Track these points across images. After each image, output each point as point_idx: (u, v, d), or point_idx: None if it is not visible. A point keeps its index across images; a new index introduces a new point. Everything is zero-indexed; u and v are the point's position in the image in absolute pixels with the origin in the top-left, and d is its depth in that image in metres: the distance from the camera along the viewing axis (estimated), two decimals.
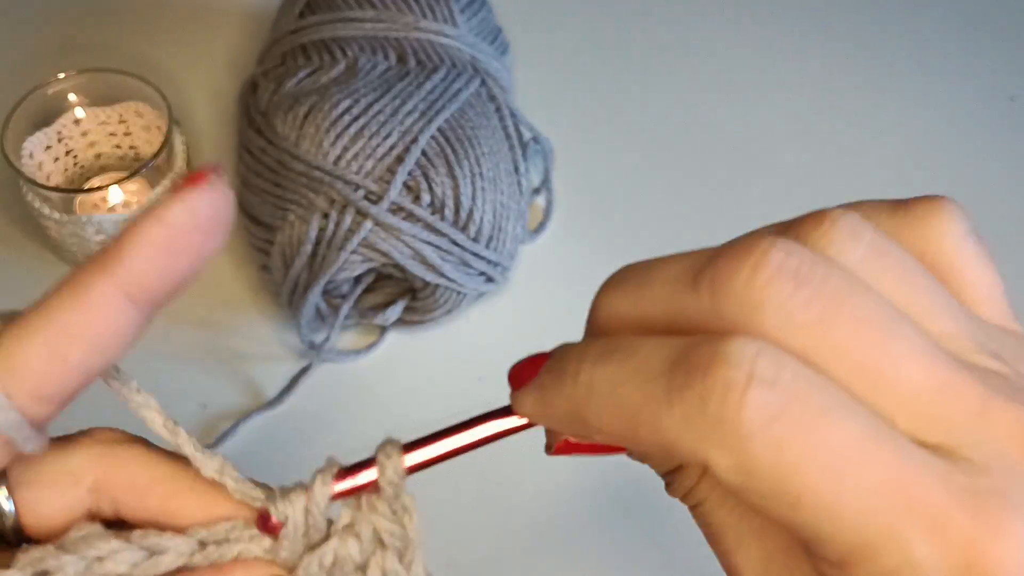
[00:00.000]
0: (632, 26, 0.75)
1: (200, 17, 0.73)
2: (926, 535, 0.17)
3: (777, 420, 0.17)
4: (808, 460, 0.17)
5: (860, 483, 0.17)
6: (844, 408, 0.18)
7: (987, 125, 0.72)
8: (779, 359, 0.18)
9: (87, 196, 0.58)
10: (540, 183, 0.65)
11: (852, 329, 0.18)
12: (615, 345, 0.20)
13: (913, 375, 0.18)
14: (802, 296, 0.18)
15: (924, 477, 0.18)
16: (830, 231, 0.20)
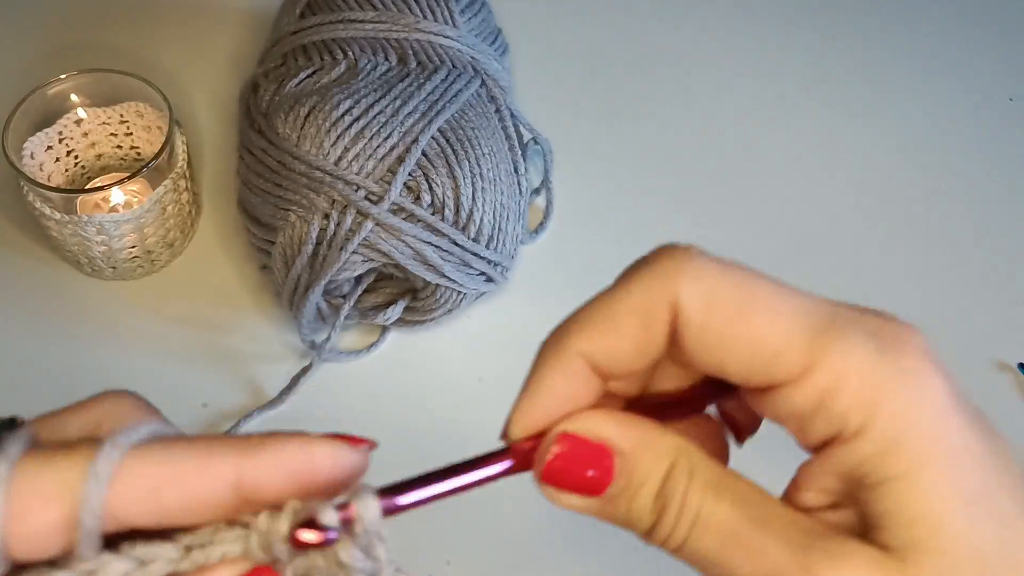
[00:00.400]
0: (632, 27, 0.75)
1: (201, 18, 0.73)
2: (866, 337, 0.24)
3: (723, 262, 0.26)
4: (754, 281, 0.26)
5: (799, 297, 0.25)
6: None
7: (987, 125, 0.72)
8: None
9: (88, 196, 0.58)
10: (540, 183, 0.65)
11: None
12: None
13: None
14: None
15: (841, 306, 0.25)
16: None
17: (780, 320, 0.24)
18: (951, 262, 0.65)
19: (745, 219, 0.66)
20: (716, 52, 0.74)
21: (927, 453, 0.23)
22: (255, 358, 0.58)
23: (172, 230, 0.59)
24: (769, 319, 0.24)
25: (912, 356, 0.25)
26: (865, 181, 0.69)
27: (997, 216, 0.68)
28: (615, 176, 0.67)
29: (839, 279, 0.64)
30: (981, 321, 0.62)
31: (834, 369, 0.24)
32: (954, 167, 0.70)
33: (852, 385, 0.23)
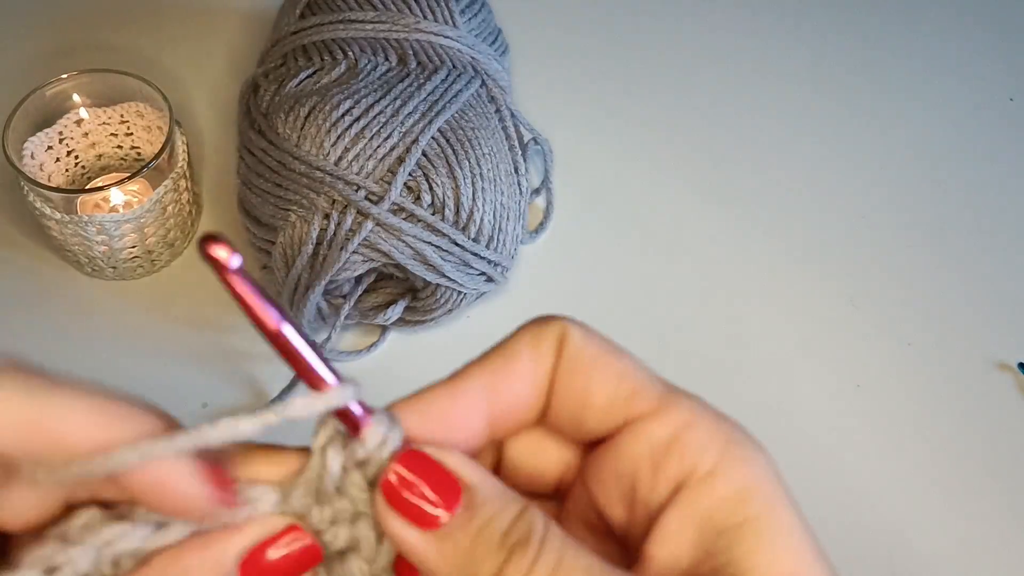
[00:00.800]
0: (632, 27, 0.75)
1: (201, 18, 0.73)
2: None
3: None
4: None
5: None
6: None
7: (987, 125, 0.72)
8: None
9: (88, 196, 0.58)
10: (540, 183, 0.65)
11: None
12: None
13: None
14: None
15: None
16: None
17: (640, 367, 0.26)
18: (951, 262, 0.65)
19: (745, 219, 0.66)
20: (716, 52, 0.74)
21: (775, 498, 0.24)
22: (255, 358, 0.58)
23: (172, 230, 0.59)
24: (633, 362, 0.26)
25: (742, 428, 0.25)
26: (865, 181, 0.69)
27: (997, 216, 0.68)
28: (615, 176, 0.67)
29: (839, 279, 0.64)
30: (981, 321, 0.62)
31: (688, 409, 0.25)
32: (954, 167, 0.70)
33: (704, 427, 0.25)
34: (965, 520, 0.55)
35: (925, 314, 0.63)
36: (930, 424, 0.58)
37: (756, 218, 0.66)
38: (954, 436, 0.58)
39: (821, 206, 0.67)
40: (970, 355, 0.61)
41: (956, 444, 0.58)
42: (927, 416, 0.59)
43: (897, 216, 0.67)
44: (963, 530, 0.55)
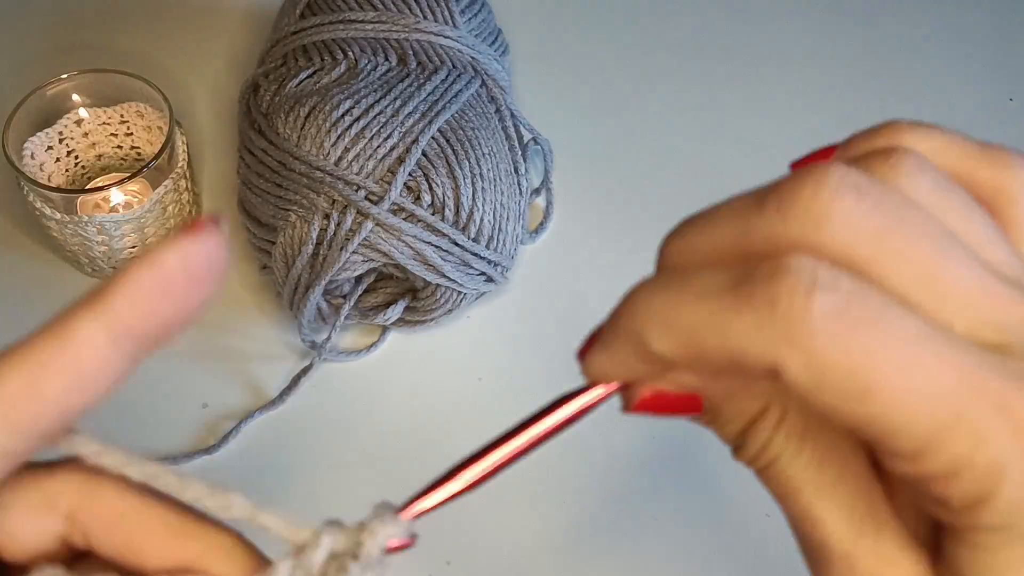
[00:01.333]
0: (632, 26, 0.75)
1: (201, 18, 0.73)
2: (993, 417, 0.18)
3: (843, 317, 0.18)
4: (876, 353, 0.18)
5: (927, 372, 0.18)
6: (903, 308, 0.19)
7: (987, 125, 0.72)
8: (837, 271, 0.19)
9: (88, 196, 0.58)
10: (540, 183, 0.65)
11: (911, 240, 0.19)
12: (675, 274, 0.21)
13: (968, 283, 0.19)
14: (863, 207, 0.19)
15: (985, 366, 0.19)
16: (896, 165, 0.21)
17: (901, 394, 0.20)
18: None
19: None
20: (717, 52, 0.74)
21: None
22: (255, 358, 0.58)
23: (173, 230, 0.59)
24: (890, 393, 0.20)
25: None
26: None
27: None
28: (615, 176, 0.67)
29: None
30: None
31: (960, 452, 0.19)
32: None
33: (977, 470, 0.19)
34: None
35: None
36: None
37: None
38: None
39: None
40: None
41: None
42: None
43: None
44: None
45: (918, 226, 0.20)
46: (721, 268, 0.20)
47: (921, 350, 0.18)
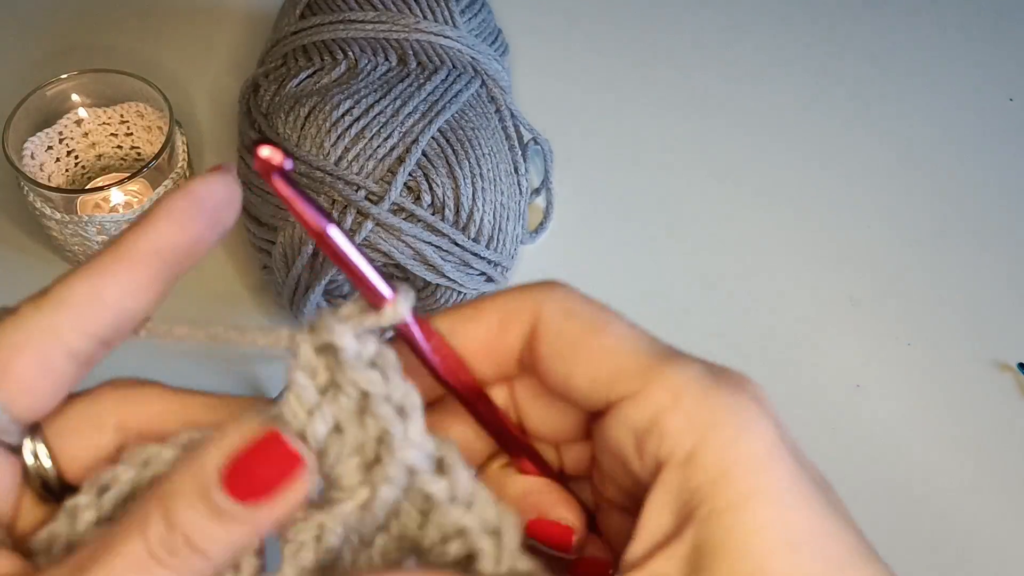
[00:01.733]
0: (632, 26, 0.75)
1: (201, 18, 0.73)
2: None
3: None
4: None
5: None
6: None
7: (987, 125, 0.72)
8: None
9: (88, 196, 0.58)
10: (540, 183, 0.65)
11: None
12: None
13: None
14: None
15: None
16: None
17: (626, 340, 0.25)
18: (951, 262, 0.65)
19: (745, 219, 0.66)
20: (717, 51, 0.74)
21: (754, 488, 0.23)
22: (255, 358, 0.58)
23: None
24: (616, 337, 0.25)
25: (744, 395, 0.24)
26: (865, 180, 0.69)
27: (997, 216, 0.68)
28: (615, 176, 0.67)
29: (839, 278, 0.64)
30: (981, 321, 0.62)
31: (669, 389, 0.24)
32: (954, 167, 0.70)
33: (684, 407, 0.24)
34: (965, 520, 0.55)
35: (925, 314, 0.63)
36: (930, 424, 0.58)
37: (756, 218, 0.66)
38: (954, 436, 0.58)
39: (821, 206, 0.67)
40: (970, 355, 0.61)
41: (956, 444, 0.58)
42: (927, 416, 0.59)
43: (897, 216, 0.67)
44: (963, 529, 0.54)
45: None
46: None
47: (637, 326, 0.26)
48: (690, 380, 0.24)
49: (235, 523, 0.23)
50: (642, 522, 0.24)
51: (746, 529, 0.22)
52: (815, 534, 0.23)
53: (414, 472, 0.25)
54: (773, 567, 0.22)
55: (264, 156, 0.23)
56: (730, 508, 0.23)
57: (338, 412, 0.25)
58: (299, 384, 0.25)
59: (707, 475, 0.23)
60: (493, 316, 0.27)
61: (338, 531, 0.25)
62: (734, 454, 0.23)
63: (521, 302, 0.27)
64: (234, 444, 0.23)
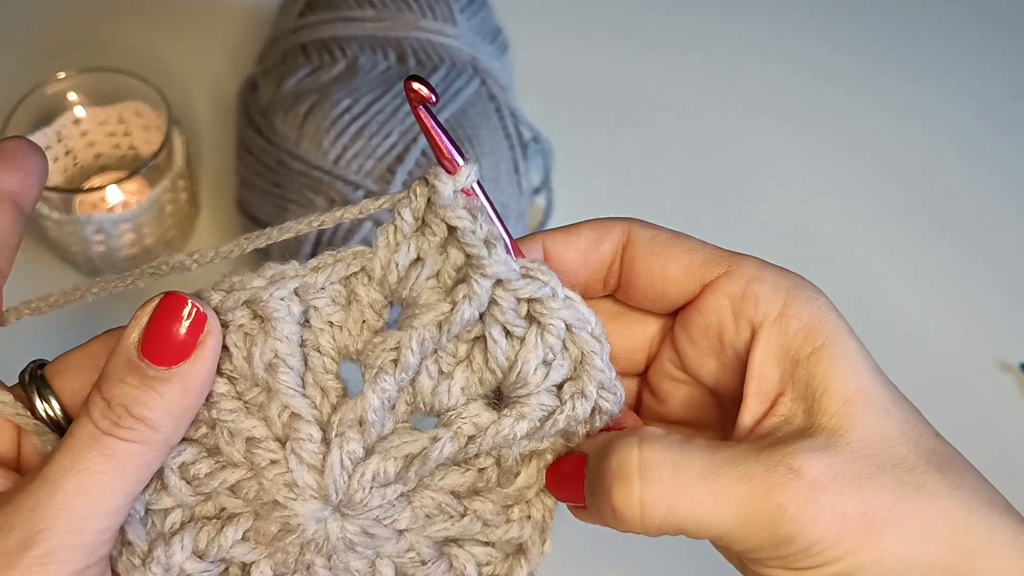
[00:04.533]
0: (632, 26, 0.75)
1: (200, 17, 0.73)
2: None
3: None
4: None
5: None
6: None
7: (987, 125, 0.72)
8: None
9: (86, 196, 0.58)
10: (540, 183, 0.65)
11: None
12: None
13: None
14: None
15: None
16: None
17: (702, 244, 0.32)
18: (952, 262, 0.65)
19: (744, 218, 0.66)
20: (717, 51, 0.74)
21: (839, 328, 0.29)
22: None
23: (171, 229, 0.59)
24: (694, 242, 0.32)
25: (803, 278, 0.31)
26: (866, 181, 0.69)
27: (998, 216, 0.68)
28: (615, 176, 0.67)
29: (839, 279, 0.64)
30: (983, 322, 0.62)
31: (752, 266, 0.30)
32: (955, 167, 0.70)
33: (769, 277, 0.29)
34: None
35: (926, 314, 0.62)
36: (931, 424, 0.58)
37: (756, 218, 0.66)
38: (955, 436, 0.58)
39: (821, 206, 0.67)
40: (972, 355, 0.61)
41: (956, 444, 0.57)
42: (928, 416, 0.58)
43: (898, 216, 0.67)
44: None
45: None
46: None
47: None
48: (765, 265, 0.30)
49: (162, 384, 0.27)
50: (752, 376, 0.29)
51: (845, 356, 0.28)
52: (878, 367, 0.29)
53: (504, 284, 0.29)
54: (868, 386, 0.28)
55: (415, 88, 0.28)
56: (829, 343, 0.28)
57: (422, 245, 0.30)
58: (400, 218, 0.29)
59: (800, 323, 0.28)
60: (590, 232, 0.33)
61: (415, 348, 0.28)
62: (815, 307, 0.29)
63: (612, 223, 0.33)
64: (144, 317, 0.28)
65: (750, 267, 0.30)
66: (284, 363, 0.28)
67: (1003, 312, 0.63)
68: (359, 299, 0.29)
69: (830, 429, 0.27)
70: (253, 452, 0.28)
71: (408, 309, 0.29)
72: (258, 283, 0.29)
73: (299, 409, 0.28)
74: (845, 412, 0.27)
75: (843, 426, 0.27)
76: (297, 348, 0.29)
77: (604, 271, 0.32)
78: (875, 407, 0.28)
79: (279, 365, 0.28)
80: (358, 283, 0.29)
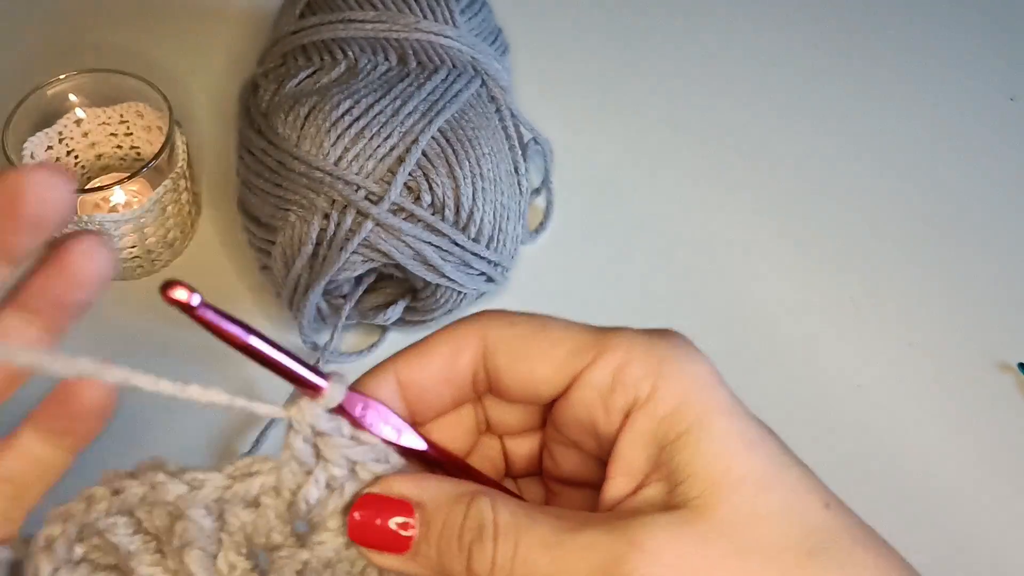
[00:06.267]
0: (632, 26, 0.75)
1: (201, 18, 0.73)
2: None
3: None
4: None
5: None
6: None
7: (987, 125, 0.72)
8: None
9: (88, 196, 0.58)
10: (540, 183, 0.65)
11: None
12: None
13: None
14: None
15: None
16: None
17: (568, 329, 0.30)
18: (952, 262, 0.65)
19: (744, 217, 0.66)
20: (716, 50, 0.74)
21: (709, 407, 0.27)
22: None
23: (172, 230, 0.59)
24: (560, 328, 0.30)
25: (679, 341, 0.29)
26: (865, 181, 0.69)
27: (997, 216, 0.68)
28: (615, 176, 0.67)
29: (840, 279, 0.64)
30: (981, 321, 0.62)
31: (620, 349, 0.28)
32: (954, 167, 0.70)
33: (637, 359, 0.28)
34: (966, 519, 0.55)
35: (926, 314, 0.63)
36: (931, 424, 0.58)
37: (756, 218, 0.66)
38: (954, 436, 0.58)
39: (821, 206, 0.67)
40: (971, 355, 0.61)
41: (956, 444, 0.58)
42: (928, 416, 0.59)
43: (898, 216, 0.67)
44: (964, 529, 0.54)
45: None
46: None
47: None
48: (634, 340, 0.28)
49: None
50: (616, 463, 0.28)
51: (711, 438, 0.27)
52: (760, 437, 0.27)
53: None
54: (739, 465, 0.26)
55: (179, 299, 0.26)
56: (694, 426, 0.27)
57: (331, 477, 0.29)
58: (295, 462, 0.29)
59: (667, 407, 0.27)
60: (444, 348, 0.30)
61: (319, 568, 0.28)
62: (686, 384, 0.27)
63: (465, 329, 0.30)
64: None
65: (618, 350, 0.28)
66: (195, 546, 0.29)
67: (1002, 312, 0.63)
68: (268, 508, 0.29)
69: (692, 509, 0.26)
70: None
71: (315, 532, 0.29)
72: (180, 490, 0.29)
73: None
74: (710, 492, 0.26)
75: (707, 505, 0.26)
76: (212, 536, 0.29)
77: (469, 385, 0.31)
78: (747, 485, 0.26)
79: (193, 546, 0.29)
80: (267, 499, 0.29)
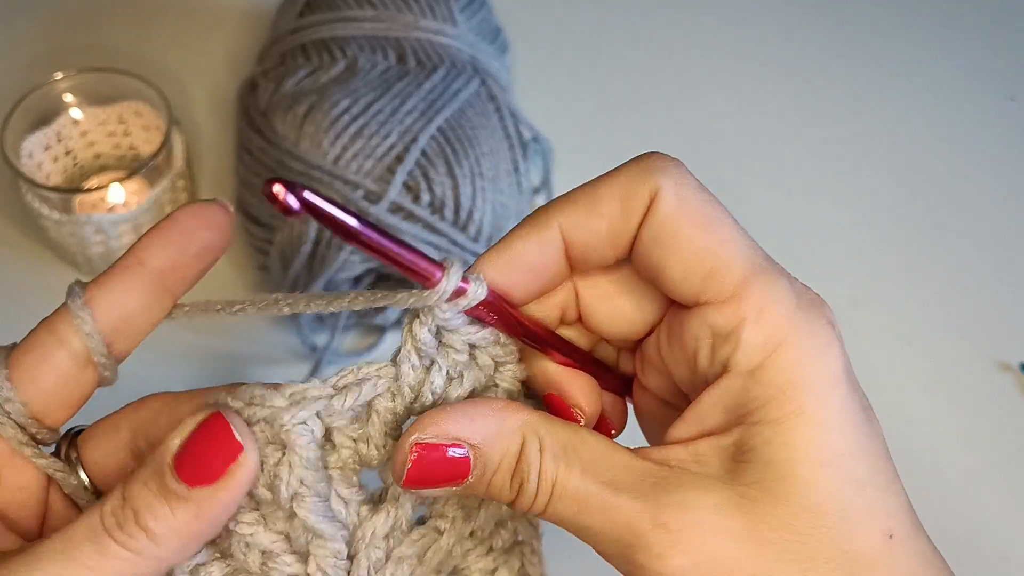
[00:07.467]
0: (632, 26, 0.75)
1: (200, 17, 0.73)
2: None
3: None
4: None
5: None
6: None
7: (987, 125, 0.72)
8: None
9: (86, 196, 0.58)
10: (540, 183, 0.65)
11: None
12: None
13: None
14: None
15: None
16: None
17: (731, 244, 0.27)
18: (951, 262, 0.65)
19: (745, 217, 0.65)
20: (716, 51, 0.74)
21: (801, 410, 0.26)
22: (254, 360, 0.58)
23: None
24: (723, 238, 0.27)
25: (821, 321, 0.27)
26: (865, 181, 0.69)
27: (997, 216, 0.68)
28: None
29: (839, 278, 0.64)
30: (982, 322, 0.62)
31: (755, 304, 0.26)
32: (954, 167, 0.70)
33: (764, 324, 0.26)
34: (967, 517, 0.55)
35: (925, 314, 0.62)
36: (931, 424, 0.58)
37: (755, 218, 0.66)
38: (955, 436, 0.58)
39: (821, 206, 0.67)
40: (971, 355, 0.61)
41: (957, 444, 0.58)
42: (928, 416, 0.59)
43: (897, 216, 0.67)
44: (964, 527, 0.54)
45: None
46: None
47: (742, 228, 0.30)
48: (775, 299, 0.26)
49: (180, 502, 0.26)
50: (694, 410, 0.27)
51: (784, 443, 0.25)
52: (845, 455, 0.26)
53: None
54: (800, 476, 0.25)
55: (278, 193, 0.26)
56: (776, 422, 0.25)
57: (452, 364, 0.30)
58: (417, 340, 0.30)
59: (765, 390, 0.26)
60: (614, 204, 0.29)
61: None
62: (795, 375, 0.26)
63: (639, 185, 0.28)
64: (189, 427, 0.26)
65: (751, 305, 0.26)
66: (310, 491, 0.28)
67: (1003, 312, 0.63)
68: (380, 414, 0.29)
69: (749, 498, 0.26)
70: (270, 566, 0.28)
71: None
72: (279, 403, 0.28)
73: (327, 533, 0.28)
74: (762, 495, 0.26)
75: (770, 497, 0.25)
76: (321, 472, 0.28)
77: (629, 244, 0.29)
78: (809, 500, 0.25)
79: (305, 494, 0.28)
80: (382, 401, 0.29)
